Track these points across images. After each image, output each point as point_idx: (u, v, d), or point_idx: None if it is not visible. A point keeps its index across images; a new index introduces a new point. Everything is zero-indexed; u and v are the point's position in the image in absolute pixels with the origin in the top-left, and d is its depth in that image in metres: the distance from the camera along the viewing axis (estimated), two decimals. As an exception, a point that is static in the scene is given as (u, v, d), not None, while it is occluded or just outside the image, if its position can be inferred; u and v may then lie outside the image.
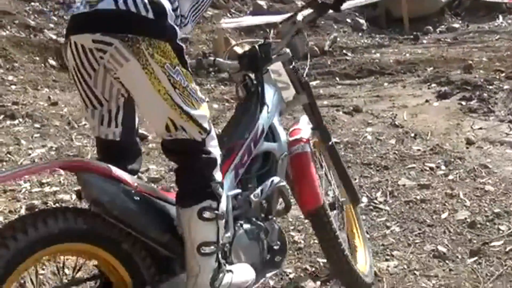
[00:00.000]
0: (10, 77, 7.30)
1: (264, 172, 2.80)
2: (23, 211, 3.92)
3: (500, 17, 11.49)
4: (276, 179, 2.72)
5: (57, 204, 4.06)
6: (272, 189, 2.70)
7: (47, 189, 4.38)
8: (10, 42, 8.03)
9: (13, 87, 6.98)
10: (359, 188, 4.30)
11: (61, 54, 8.13)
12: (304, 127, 3.08)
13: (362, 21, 11.09)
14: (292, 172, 2.92)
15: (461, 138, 5.07)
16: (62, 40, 8.23)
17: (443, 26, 11.22)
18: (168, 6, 2.20)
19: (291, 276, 3.35)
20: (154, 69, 2.15)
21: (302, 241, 3.68)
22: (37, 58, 8.03)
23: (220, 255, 2.42)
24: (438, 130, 5.30)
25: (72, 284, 2.28)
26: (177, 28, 2.22)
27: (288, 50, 2.96)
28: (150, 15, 2.14)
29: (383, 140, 5.15)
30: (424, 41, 10.01)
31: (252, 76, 2.84)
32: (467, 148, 4.86)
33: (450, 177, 4.36)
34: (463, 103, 6.02)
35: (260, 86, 2.81)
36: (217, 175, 2.37)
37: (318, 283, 3.25)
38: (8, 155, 5.10)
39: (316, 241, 3.64)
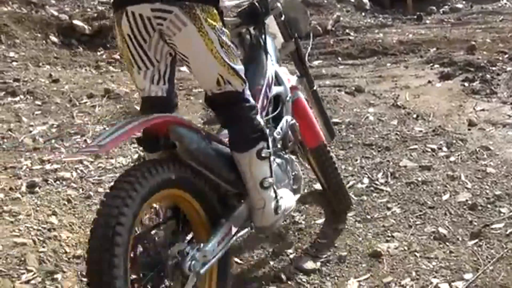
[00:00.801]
0: (11, 54, 7.27)
1: (277, 114, 3.24)
2: (23, 188, 3.93)
3: (505, -3, 11.44)
4: (289, 118, 3.25)
5: (57, 182, 4.07)
6: (287, 127, 3.22)
7: (47, 166, 4.38)
8: (11, 18, 7.98)
9: (14, 63, 6.95)
10: (360, 168, 4.30)
11: (62, 30, 8.14)
12: (291, 77, 3.54)
13: (365, 0, 11.01)
14: (294, 115, 3.35)
15: (463, 120, 5.05)
16: (63, 16, 8.30)
17: (446, 7, 11.14)
18: None
19: (291, 256, 3.36)
20: (208, 31, 2.58)
21: (303, 222, 3.70)
22: (39, 35, 7.99)
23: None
24: (440, 111, 5.28)
25: (154, 228, 2.62)
26: None
27: (279, 4, 3.35)
28: None
29: (385, 121, 5.13)
30: (427, 22, 9.95)
31: (251, 30, 3.29)
32: (469, 129, 4.85)
33: (452, 158, 4.35)
34: (466, 84, 5.98)
35: (263, 37, 3.24)
36: (259, 118, 2.84)
37: (318, 263, 3.26)
38: (9, 132, 5.10)
39: (317, 221, 3.66)
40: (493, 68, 6.30)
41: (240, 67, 2.76)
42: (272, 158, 2.91)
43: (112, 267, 2.18)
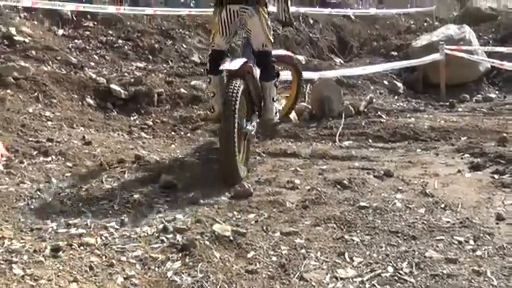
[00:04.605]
0: (47, 113, 7.41)
1: None
2: (47, 252, 3.94)
3: (538, 90, 11.45)
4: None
5: (81, 247, 4.08)
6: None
7: (73, 230, 4.41)
8: (50, 78, 8.17)
9: (49, 123, 7.08)
10: (385, 256, 4.25)
11: (99, 93, 8.28)
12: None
13: (399, 84, 11.09)
14: None
15: (492, 213, 4.99)
16: (101, 79, 8.44)
17: (479, 95, 11.19)
18: None
19: None
20: (263, 20, 6.25)
21: None
22: (75, 96, 8.15)
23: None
24: (469, 202, 5.23)
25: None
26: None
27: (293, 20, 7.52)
28: None
29: (412, 208, 5.09)
30: (460, 109, 9.97)
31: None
32: (497, 224, 4.78)
33: (478, 252, 4.28)
34: (496, 176, 5.94)
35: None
36: (276, 65, 6.69)
37: None
38: (38, 192, 5.17)
39: None
40: (524, 162, 6.26)
41: (272, 39, 6.43)
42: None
43: (233, 132, 5.59)
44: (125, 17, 10.23)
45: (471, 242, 4.45)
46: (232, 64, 5.98)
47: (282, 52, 8.25)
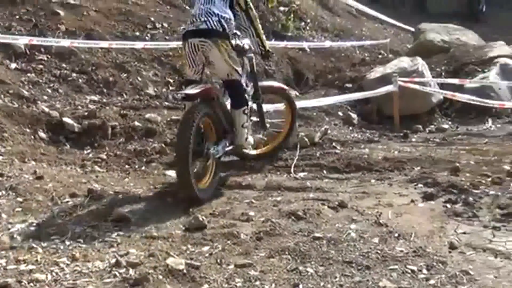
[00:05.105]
0: (-2, 148, 7.29)
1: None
2: (-4, 288, 3.85)
3: (490, 120, 11.62)
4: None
5: (31, 284, 3.99)
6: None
7: (22, 266, 4.32)
8: (2, 112, 8.01)
9: (0, 158, 6.95)
10: (339, 287, 4.25)
11: (51, 127, 8.16)
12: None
13: (354, 115, 11.17)
14: None
15: (444, 242, 5.04)
16: (54, 113, 8.33)
17: (432, 126, 11.32)
18: (226, 26, 6.73)
19: None
20: (224, 52, 6.69)
21: None
22: (27, 130, 8.00)
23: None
24: (422, 231, 5.28)
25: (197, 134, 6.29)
26: (230, 34, 6.80)
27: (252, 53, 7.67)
28: (221, 30, 6.68)
29: (367, 238, 5.11)
30: (413, 140, 10.08)
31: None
32: (450, 252, 4.83)
33: (431, 281, 4.32)
34: (448, 206, 6.02)
35: (249, 60, 7.57)
36: (246, 94, 7.13)
37: None
38: (-13, 228, 5.06)
39: None
40: (476, 191, 6.34)
41: (238, 68, 6.93)
42: (249, 115, 7.10)
43: (188, 148, 6.01)
44: (79, 50, 10.16)
45: (424, 271, 4.49)
46: (192, 89, 6.45)
47: (274, 83, 8.78)
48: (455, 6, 25.42)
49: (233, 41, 6.95)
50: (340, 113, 11.10)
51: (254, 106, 7.65)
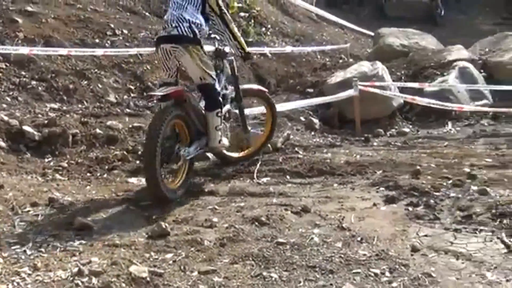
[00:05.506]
0: (-43, 158, 7.18)
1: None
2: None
3: (449, 124, 11.79)
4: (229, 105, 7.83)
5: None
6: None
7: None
8: (-40, 121, 7.91)
9: (-41, 167, 6.85)
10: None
11: (11, 135, 8.05)
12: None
13: (315, 120, 11.23)
14: None
15: (407, 245, 5.09)
16: (13, 121, 8.22)
17: (393, 130, 11.42)
18: (197, 31, 6.90)
19: None
20: (195, 57, 6.87)
21: None
22: (-14, 139, 7.90)
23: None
24: (384, 235, 5.32)
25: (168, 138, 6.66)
26: (201, 39, 6.99)
27: (232, 56, 7.83)
28: (192, 36, 6.85)
29: (330, 243, 5.14)
30: (375, 144, 10.14)
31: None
32: (412, 255, 4.88)
33: (394, 284, 4.36)
34: (410, 208, 6.07)
35: (223, 63, 7.69)
36: (219, 97, 7.19)
37: None
38: None
39: None
40: (437, 194, 6.40)
41: (211, 72, 7.10)
42: (222, 117, 7.19)
43: (155, 148, 6.20)
44: (38, 58, 10.05)
45: (387, 274, 4.53)
46: (161, 91, 6.76)
47: (254, 86, 9.01)
48: (414, 10, 25.68)
49: (205, 47, 7.16)
50: (302, 118, 11.14)
51: (236, 109, 7.91)
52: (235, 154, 8.22)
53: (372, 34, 18.88)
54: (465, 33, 20.79)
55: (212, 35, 7.47)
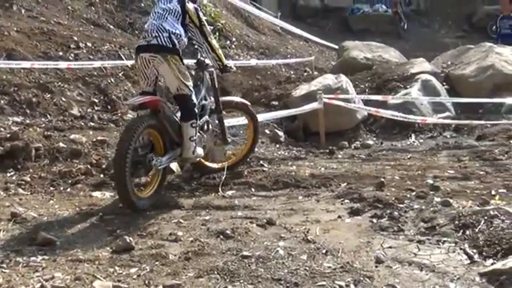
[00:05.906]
0: None
1: (204, 112, 7.74)
2: None
3: (413, 136, 11.87)
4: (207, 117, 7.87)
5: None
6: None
7: None
8: None
9: None
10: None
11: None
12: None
13: (280, 133, 11.26)
14: None
15: (371, 257, 5.11)
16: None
17: (358, 142, 11.48)
18: (177, 42, 7.01)
19: None
20: (173, 67, 6.97)
21: None
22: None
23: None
24: (349, 247, 5.34)
25: (142, 147, 6.74)
26: (180, 49, 7.08)
27: (212, 68, 7.91)
28: (171, 46, 6.96)
29: (295, 255, 5.14)
30: (339, 156, 10.20)
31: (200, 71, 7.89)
32: (376, 267, 4.90)
33: (359, 296, 4.37)
34: (374, 220, 6.11)
35: (202, 75, 7.86)
36: (195, 108, 7.18)
37: None
38: None
39: None
40: (401, 205, 6.46)
41: (189, 83, 7.15)
42: (198, 128, 7.24)
43: (126, 156, 6.28)
44: (0, 71, 9.94)
45: (352, 286, 4.55)
46: (137, 100, 6.98)
47: (237, 99, 9.08)
48: (377, 24, 25.98)
49: (184, 59, 7.26)
50: (267, 131, 11.16)
51: (216, 120, 8.02)
52: (214, 165, 8.27)
53: (337, 47, 18.97)
54: (428, 46, 21.09)
55: (195, 46, 7.58)
